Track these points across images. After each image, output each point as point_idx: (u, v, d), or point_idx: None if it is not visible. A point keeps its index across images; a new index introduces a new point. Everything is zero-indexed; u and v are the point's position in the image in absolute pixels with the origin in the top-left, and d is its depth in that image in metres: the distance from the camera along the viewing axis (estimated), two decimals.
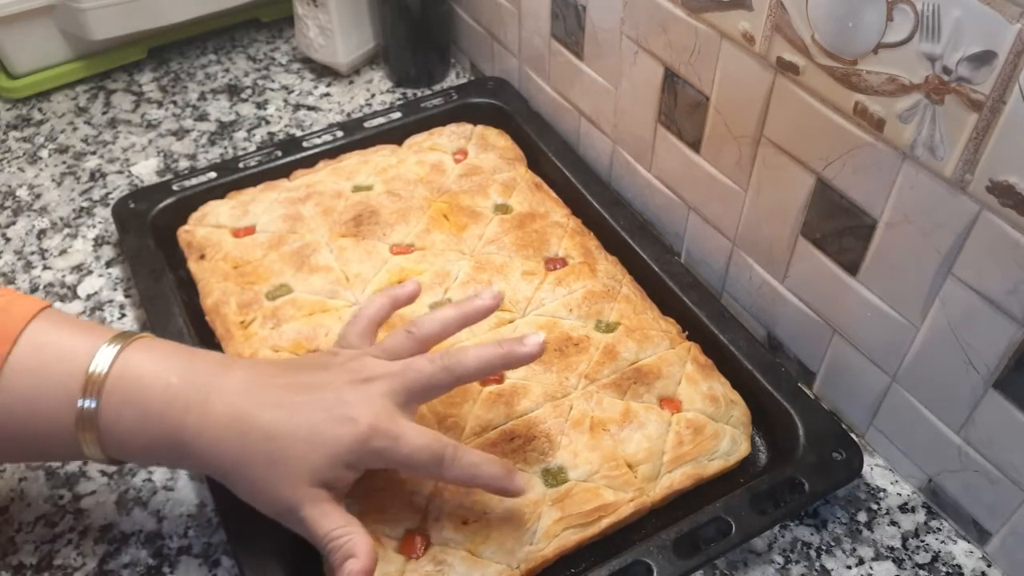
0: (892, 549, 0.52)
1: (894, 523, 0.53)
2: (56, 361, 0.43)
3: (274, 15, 0.96)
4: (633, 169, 0.70)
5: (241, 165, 0.72)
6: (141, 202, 0.69)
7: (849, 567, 0.51)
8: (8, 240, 0.72)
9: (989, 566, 0.51)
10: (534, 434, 0.53)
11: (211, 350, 0.50)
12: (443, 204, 0.69)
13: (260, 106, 0.86)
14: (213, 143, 0.82)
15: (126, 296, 0.67)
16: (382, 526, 0.49)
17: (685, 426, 0.54)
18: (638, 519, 0.52)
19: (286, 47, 0.94)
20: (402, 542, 0.49)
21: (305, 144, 0.74)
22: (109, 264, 0.70)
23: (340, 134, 0.75)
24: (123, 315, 0.66)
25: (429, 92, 0.86)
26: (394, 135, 0.76)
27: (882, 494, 0.55)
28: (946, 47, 0.41)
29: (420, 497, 0.50)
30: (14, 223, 0.74)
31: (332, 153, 0.74)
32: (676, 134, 0.63)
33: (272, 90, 0.88)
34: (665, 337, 0.59)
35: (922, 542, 0.53)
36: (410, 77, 0.88)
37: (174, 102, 0.87)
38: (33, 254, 0.71)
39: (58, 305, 0.66)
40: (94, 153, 0.81)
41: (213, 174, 0.72)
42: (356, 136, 0.75)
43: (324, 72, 0.90)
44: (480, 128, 0.77)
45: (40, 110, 0.86)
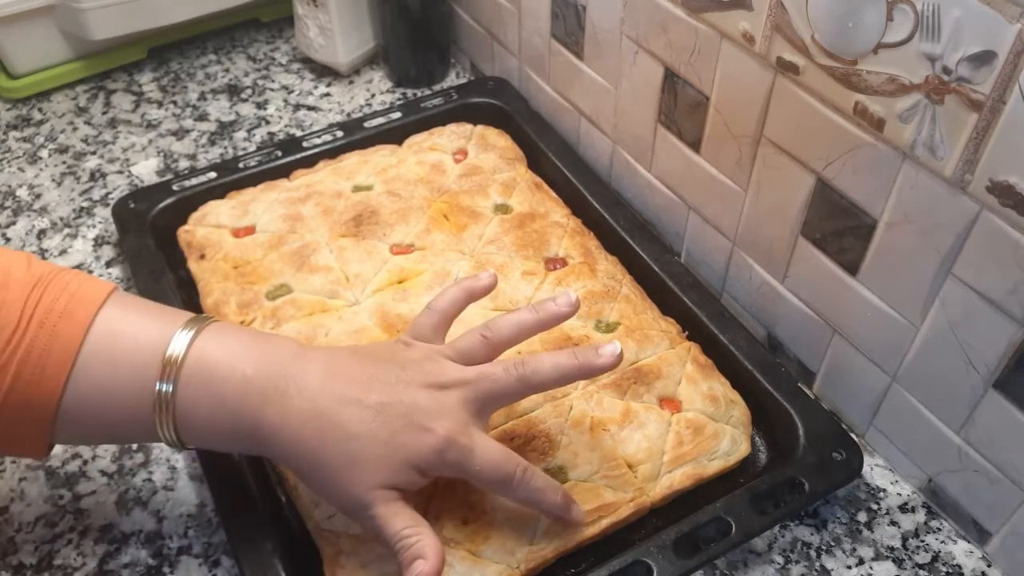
0: (892, 549, 0.52)
1: (894, 523, 0.53)
2: (132, 349, 0.43)
3: (274, 15, 0.96)
4: (633, 169, 0.70)
5: (241, 165, 0.72)
6: (141, 202, 0.69)
7: (849, 567, 0.51)
8: (8, 240, 0.72)
9: (989, 566, 0.51)
10: (534, 434, 0.53)
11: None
12: (443, 204, 0.69)
13: (260, 106, 0.86)
14: (213, 143, 0.82)
15: None
16: None
17: (685, 426, 0.54)
18: (638, 519, 0.52)
19: (286, 47, 0.94)
20: None
21: (305, 144, 0.74)
22: (109, 264, 0.70)
23: (340, 134, 0.75)
24: None
25: (429, 92, 0.86)
26: (394, 135, 0.76)
27: (882, 494, 0.55)
28: (946, 47, 0.41)
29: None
30: (14, 223, 0.74)
31: (332, 153, 0.74)
32: (676, 134, 0.63)
33: (272, 90, 0.88)
34: (665, 337, 0.59)
35: (922, 542, 0.53)
36: (410, 77, 0.88)
37: (174, 102, 0.87)
38: (33, 254, 0.71)
39: None
40: (94, 153, 0.81)
41: (213, 174, 0.72)
42: (356, 136, 0.75)
43: (324, 72, 0.90)
44: (480, 128, 0.77)
45: (40, 110, 0.86)
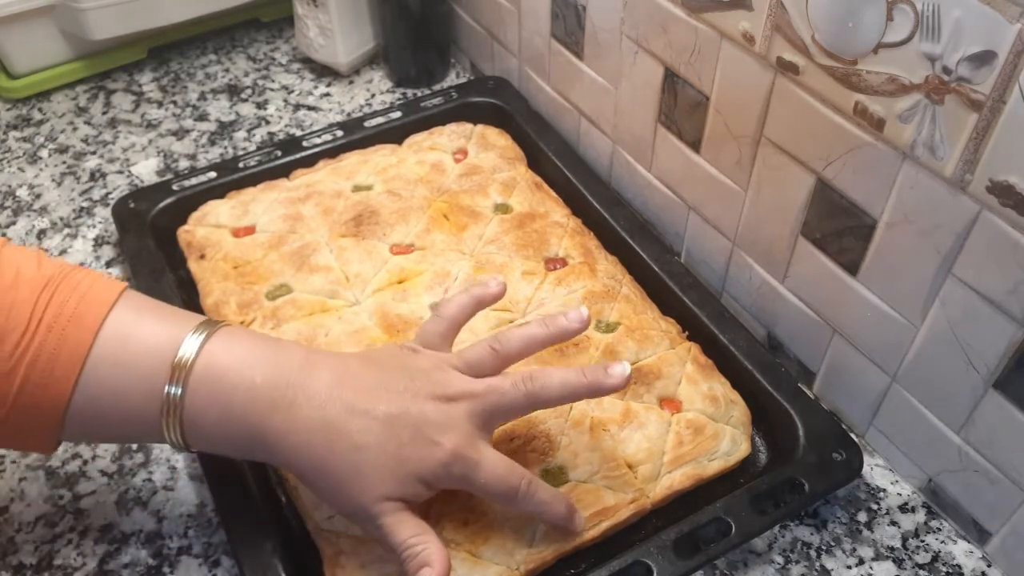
0: (892, 549, 0.52)
1: (894, 523, 0.53)
2: (141, 352, 0.43)
3: (274, 15, 0.96)
4: (633, 169, 0.70)
5: (241, 165, 0.72)
6: (141, 202, 0.69)
7: (849, 567, 0.51)
8: (8, 240, 0.72)
9: (989, 566, 0.51)
10: (534, 434, 0.53)
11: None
12: (443, 204, 0.69)
13: (260, 106, 0.86)
14: (213, 143, 0.82)
15: None
16: None
17: (685, 426, 0.54)
18: (638, 519, 0.52)
19: (286, 47, 0.94)
20: None
21: (305, 144, 0.74)
22: (109, 264, 0.70)
23: (340, 134, 0.75)
24: None
25: (429, 92, 0.86)
26: (394, 135, 0.76)
27: (882, 494, 0.55)
28: (946, 47, 0.41)
29: None
30: (14, 223, 0.74)
31: (332, 153, 0.74)
32: (676, 134, 0.63)
33: (272, 90, 0.88)
34: (665, 337, 0.59)
35: (922, 542, 0.53)
36: (410, 77, 0.88)
37: (174, 102, 0.87)
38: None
39: None
40: (94, 153, 0.81)
41: (213, 174, 0.72)
42: (356, 136, 0.75)
43: (324, 72, 0.90)
44: (480, 128, 0.77)
45: (40, 110, 0.86)
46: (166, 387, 0.43)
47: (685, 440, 0.53)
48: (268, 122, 0.84)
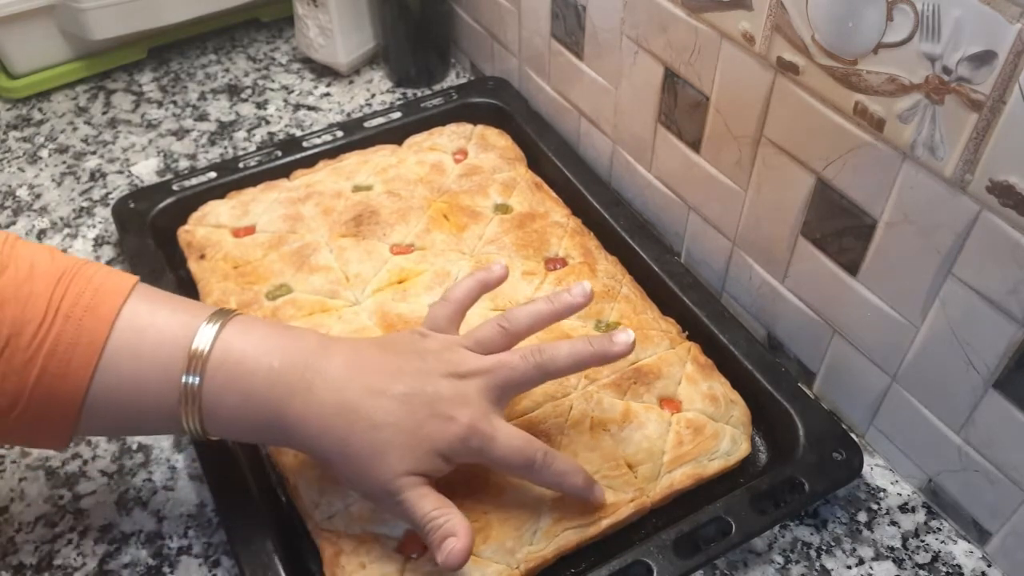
0: (892, 549, 0.52)
1: (894, 523, 0.53)
2: (157, 342, 0.44)
3: (274, 15, 0.96)
4: (633, 169, 0.70)
5: (241, 165, 0.72)
6: (141, 202, 0.69)
7: (849, 567, 0.51)
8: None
9: (989, 566, 0.51)
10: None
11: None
12: (443, 204, 0.69)
13: (260, 106, 0.86)
14: (213, 143, 0.82)
15: None
16: (382, 526, 0.49)
17: (685, 426, 0.54)
18: (638, 519, 0.52)
19: (286, 47, 0.94)
20: (402, 542, 0.49)
21: (305, 144, 0.74)
22: (109, 264, 0.70)
23: (340, 134, 0.75)
24: None
25: (429, 92, 0.86)
26: (394, 135, 0.76)
27: (882, 494, 0.55)
28: (946, 47, 0.41)
29: None
30: (14, 223, 0.74)
31: (332, 153, 0.74)
32: (676, 134, 0.63)
33: (272, 90, 0.88)
34: (665, 337, 0.59)
35: (922, 542, 0.53)
36: (410, 77, 0.88)
37: (174, 102, 0.87)
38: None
39: None
40: (94, 153, 0.81)
41: (213, 174, 0.72)
42: (356, 136, 0.75)
43: (324, 72, 0.90)
44: (480, 128, 0.77)
45: (40, 110, 0.86)
46: (184, 377, 0.43)
47: (685, 440, 0.53)
48: (268, 122, 0.84)
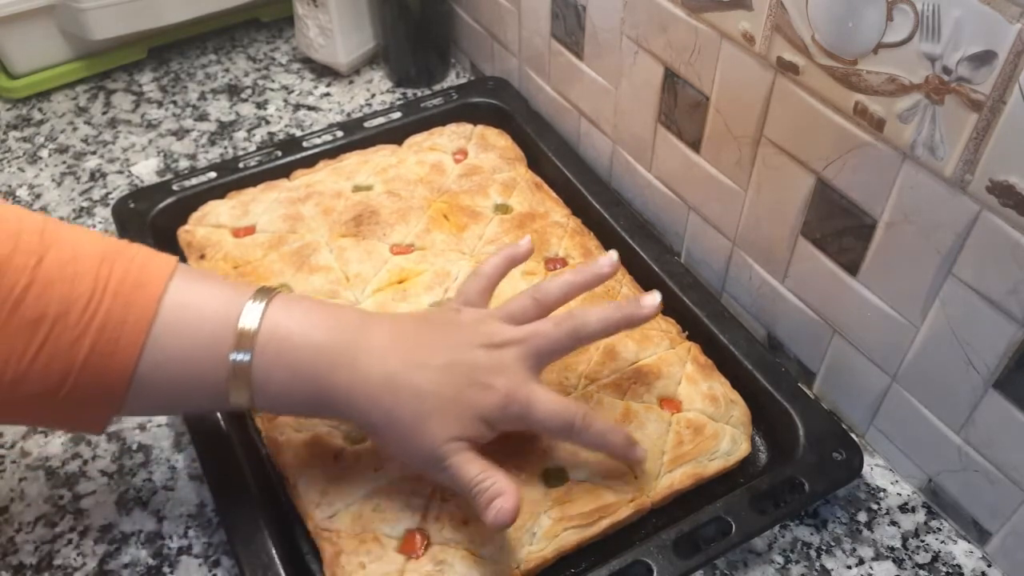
0: (892, 549, 0.52)
1: (894, 523, 0.53)
2: (204, 319, 0.44)
3: (274, 15, 0.96)
4: (633, 169, 0.70)
5: (241, 165, 0.72)
6: (141, 202, 0.69)
7: (849, 567, 0.51)
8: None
9: (989, 566, 0.51)
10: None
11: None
12: (443, 204, 0.69)
13: (260, 106, 0.86)
14: (213, 143, 0.82)
15: None
16: (382, 526, 0.49)
17: (685, 426, 0.54)
18: (638, 519, 0.52)
19: (286, 47, 0.94)
20: (402, 542, 0.49)
21: (305, 144, 0.74)
22: None
23: (340, 134, 0.75)
24: None
25: (429, 92, 0.86)
26: (394, 135, 0.76)
27: (882, 494, 0.55)
28: (946, 47, 0.41)
29: (420, 497, 0.50)
30: None
31: (332, 153, 0.74)
32: (676, 134, 0.63)
33: (272, 90, 0.88)
34: (665, 337, 0.59)
35: (922, 542, 0.53)
36: (410, 77, 0.88)
37: (174, 102, 0.87)
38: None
39: None
40: (94, 153, 0.81)
41: (213, 174, 0.72)
42: (356, 136, 0.75)
43: (324, 72, 0.90)
44: (480, 128, 0.77)
45: (40, 110, 0.86)
46: (232, 354, 0.44)
47: (685, 440, 0.53)
48: (268, 122, 0.84)
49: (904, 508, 0.54)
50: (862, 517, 0.54)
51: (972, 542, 0.52)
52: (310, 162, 0.73)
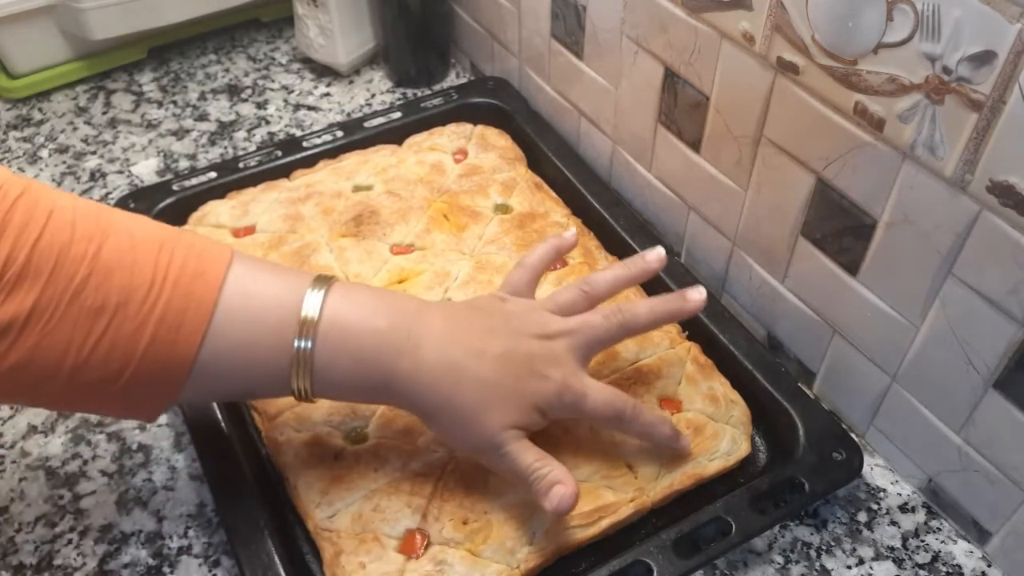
0: (892, 549, 0.52)
1: (894, 523, 0.53)
2: (265, 307, 0.45)
3: (274, 15, 0.96)
4: (633, 169, 0.70)
5: (241, 165, 0.72)
6: (141, 202, 0.69)
7: (849, 567, 0.51)
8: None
9: (989, 566, 0.51)
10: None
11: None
12: (443, 204, 0.69)
13: (260, 106, 0.86)
14: (213, 143, 0.82)
15: None
16: (382, 525, 0.49)
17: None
18: (638, 519, 0.52)
19: (286, 47, 0.94)
20: (402, 541, 0.49)
21: (305, 144, 0.74)
22: None
23: (340, 134, 0.75)
24: None
25: (429, 92, 0.86)
26: (394, 135, 0.76)
27: (882, 494, 0.55)
28: (946, 47, 0.41)
29: (420, 497, 0.50)
30: None
31: (332, 153, 0.74)
32: (676, 134, 0.63)
33: (272, 90, 0.88)
34: (665, 337, 0.59)
35: (922, 542, 0.53)
36: (410, 77, 0.88)
37: (174, 102, 0.87)
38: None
39: None
40: (94, 153, 0.81)
41: (213, 174, 0.72)
42: (356, 136, 0.75)
43: (324, 72, 0.90)
44: (480, 128, 0.77)
45: (40, 110, 0.86)
46: (296, 341, 0.44)
47: None
48: (268, 122, 0.84)
49: (904, 508, 0.54)
50: (862, 517, 0.54)
51: (972, 542, 0.52)
52: (310, 162, 0.73)
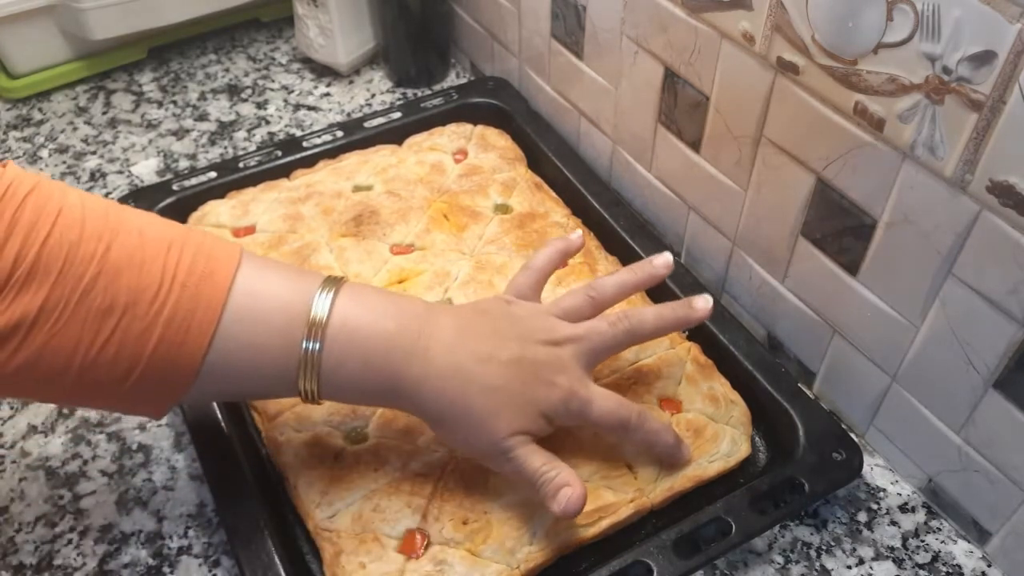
0: (892, 549, 0.52)
1: (894, 523, 0.53)
2: (273, 309, 0.45)
3: (274, 15, 0.96)
4: (633, 169, 0.70)
5: (241, 165, 0.72)
6: (141, 202, 0.69)
7: (849, 567, 0.51)
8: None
9: (989, 566, 0.51)
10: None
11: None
12: (443, 204, 0.69)
13: (260, 106, 0.86)
14: (213, 143, 0.82)
15: None
16: (382, 525, 0.49)
17: (685, 427, 0.54)
18: (638, 519, 0.52)
19: (286, 47, 0.94)
20: (402, 542, 0.49)
21: (305, 144, 0.74)
22: None
23: (340, 134, 0.75)
24: None
25: (429, 92, 0.86)
26: (394, 135, 0.76)
27: (882, 494, 0.55)
28: (946, 47, 0.41)
29: (420, 497, 0.50)
30: None
31: (332, 153, 0.74)
32: (676, 134, 0.63)
33: (272, 90, 0.88)
34: (665, 337, 0.59)
35: (922, 542, 0.53)
36: (410, 77, 0.88)
37: (174, 102, 0.87)
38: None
39: None
40: (94, 153, 0.81)
41: (213, 174, 0.72)
42: (356, 136, 0.75)
43: (324, 72, 0.90)
44: (480, 128, 0.77)
45: (40, 110, 0.86)
46: (304, 343, 0.44)
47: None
48: (268, 122, 0.84)
49: (904, 508, 0.54)
50: (862, 517, 0.54)
51: (972, 542, 0.52)
52: (310, 162, 0.73)
